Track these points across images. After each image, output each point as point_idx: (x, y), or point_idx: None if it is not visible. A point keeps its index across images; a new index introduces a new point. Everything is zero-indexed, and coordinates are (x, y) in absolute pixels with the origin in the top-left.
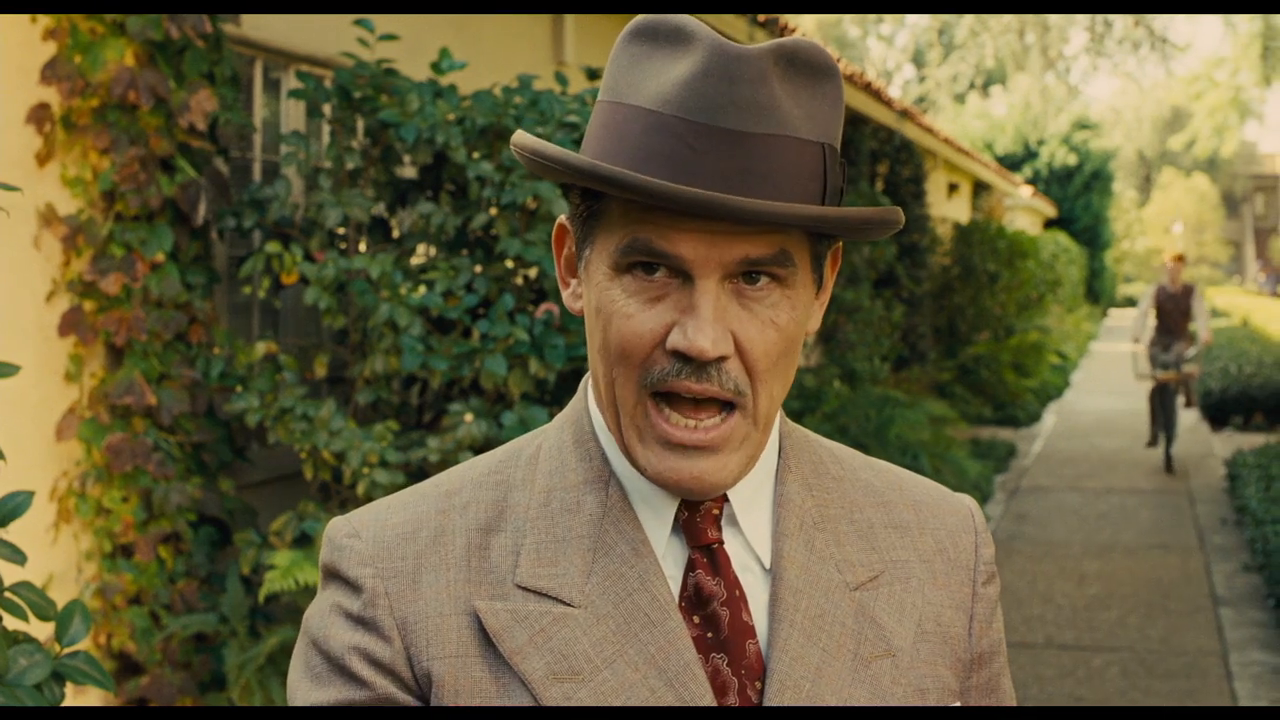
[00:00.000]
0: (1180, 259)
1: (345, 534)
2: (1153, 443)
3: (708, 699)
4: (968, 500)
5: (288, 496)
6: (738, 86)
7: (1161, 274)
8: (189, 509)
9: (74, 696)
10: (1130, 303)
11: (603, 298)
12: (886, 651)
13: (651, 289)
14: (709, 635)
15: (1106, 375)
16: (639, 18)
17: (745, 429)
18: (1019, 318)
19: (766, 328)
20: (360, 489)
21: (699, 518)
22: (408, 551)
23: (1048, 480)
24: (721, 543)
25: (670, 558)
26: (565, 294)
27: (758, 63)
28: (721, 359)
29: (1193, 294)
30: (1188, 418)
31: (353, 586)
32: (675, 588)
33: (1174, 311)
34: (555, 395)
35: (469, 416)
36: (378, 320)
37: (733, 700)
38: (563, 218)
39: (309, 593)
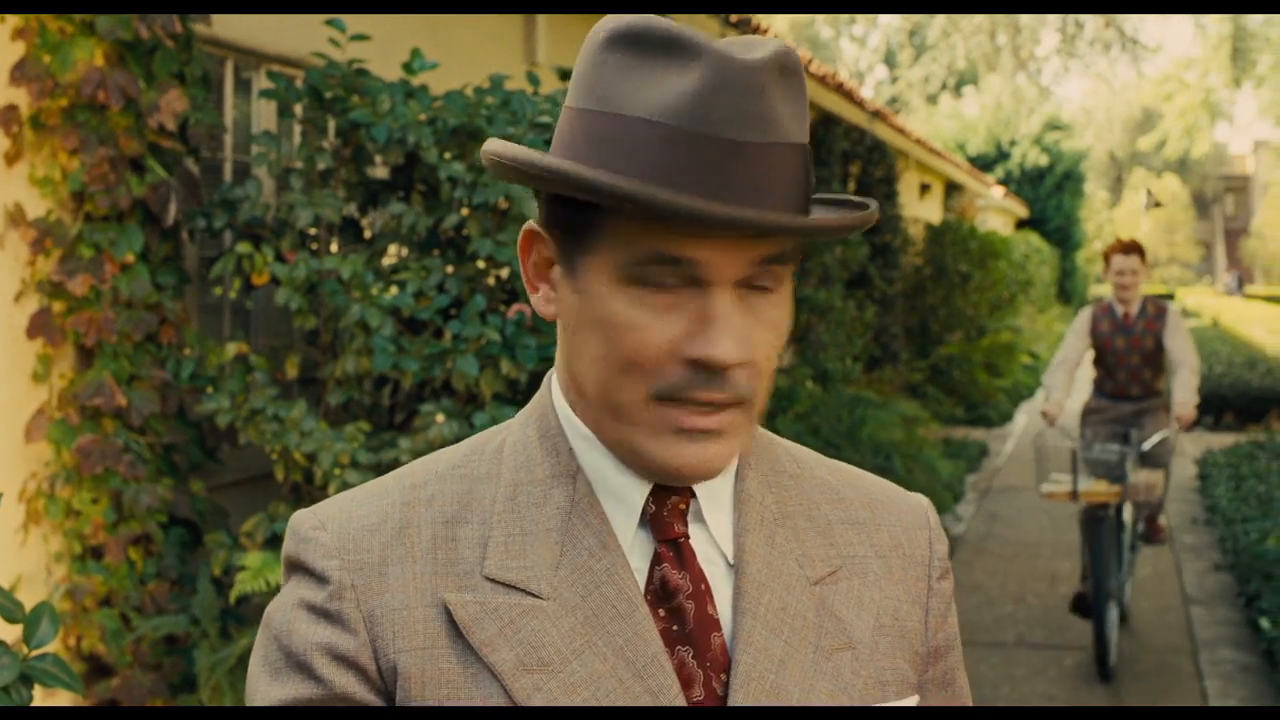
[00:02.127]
0: (1133, 250)
1: (310, 526)
2: (1081, 607)
3: (674, 690)
4: (922, 498)
5: (259, 498)
6: (746, 99)
7: (1106, 283)
8: (159, 510)
9: (42, 699)
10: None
11: (605, 308)
12: (847, 644)
13: (663, 299)
14: (675, 628)
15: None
16: (615, 22)
17: (745, 421)
18: (991, 318)
19: (769, 330)
20: (332, 490)
21: (666, 512)
22: (374, 543)
23: (1020, 480)
24: (687, 536)
25: (637, 551)
26: (535, 298)
27: (761, 74)
28: (739, 365)
29: (1164, 320)
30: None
31: (318, 578)
32: (641, 580)
33: (1128, 354)
34: (527, 395)
35: (440, 417)
36: (349, 321)
37: (698, 692)
38: (532, 224)
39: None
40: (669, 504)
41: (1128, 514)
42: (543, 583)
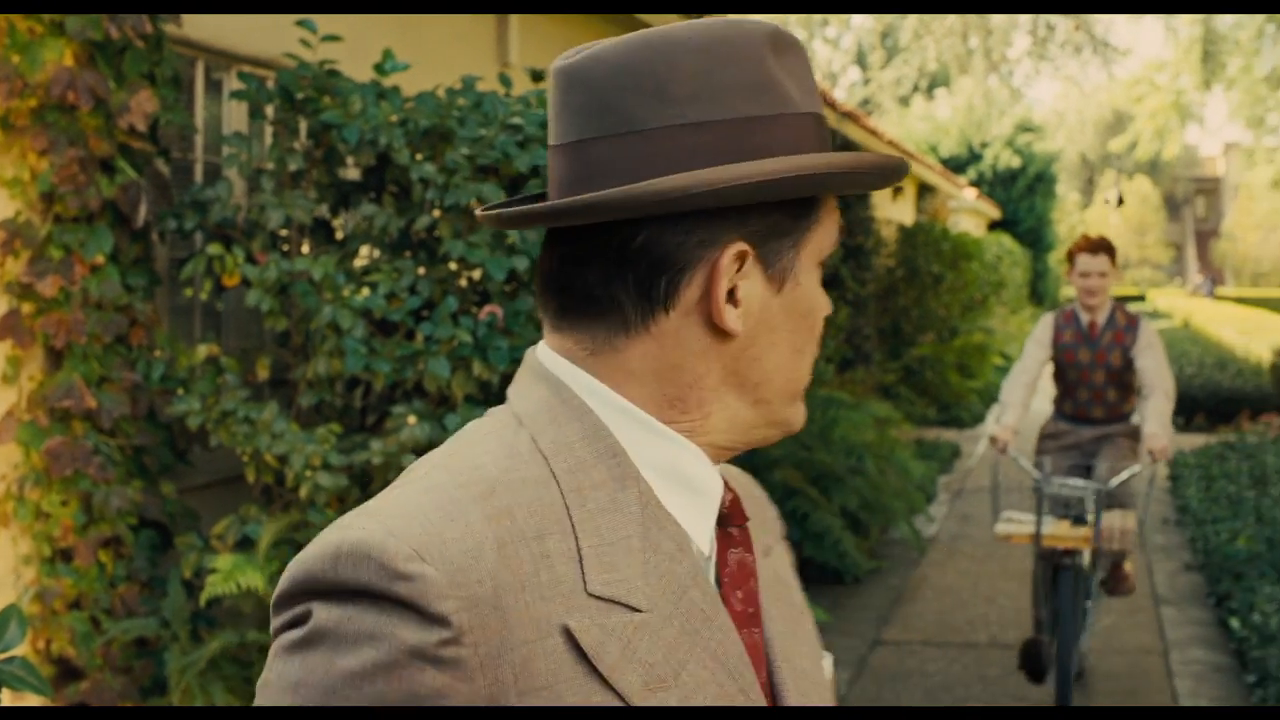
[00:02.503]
0: (1101, 248)
1: (405, 557)
2: (1032, 665)
3: (757, 687)
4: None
5: (230, 500)
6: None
7: (1071, 289)
8: (130, 512)
9: (11, 702)
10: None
11: (811, 298)
12: (801, 609)
13: None
14: (750, 610)
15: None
16: (776, 30)
17: None
18: (963, 319)
19: None
20: (303, 492)
21: (732, 497)
22: (482, 572)
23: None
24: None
25: (707, 539)
26: (731, 316)
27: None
28: None
29: (1136, 333)
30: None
31: (431, 620)
32: (710, 569)
33: (1092, 370)
34: (498, 397)
35: (412, 419)
36: (320, 322)
37: (762, 674)
38: (742, 246)
39: (250, 596)
40: (731, 490)
41: (1086, 558)
42: (639, 595)
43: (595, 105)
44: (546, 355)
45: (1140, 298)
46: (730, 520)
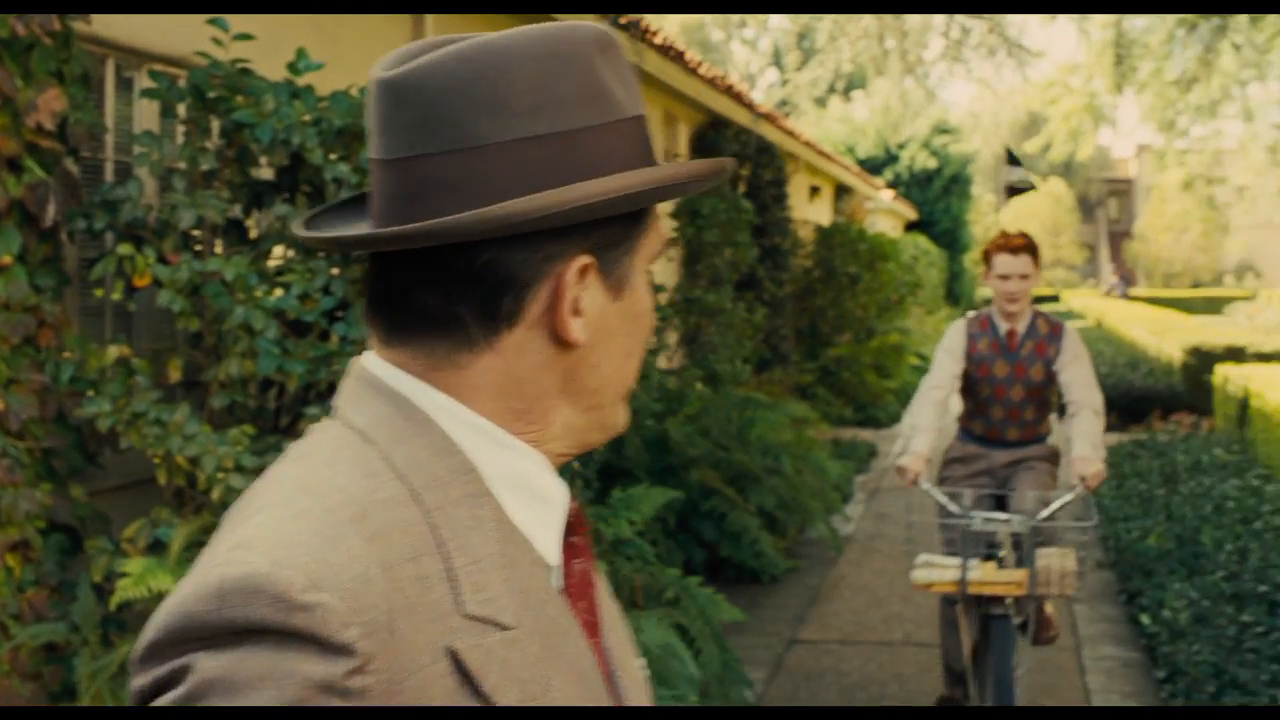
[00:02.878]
0: (1023, 248)
1: (302, 588)
2: None
3: (606, 697)
4: None
5: (141, 503)
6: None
7: (988, 288)
8: (38, 516)
9: None
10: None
11: (644, 300)
12: (618, 612)
13: None
14: (594, 620)
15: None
16: (601, 31)
17: None
18: (880, 319)
19: None
20: (215, 494)
21: (575, 506)
22: (375, 597)
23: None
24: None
25: (553, 549)
26: (575, 326)
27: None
28: None
29: (1061, 342)
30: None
31: (336, 651)
32: (557, 577)
33: (1009, 385)
34: None
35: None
36: (233, 323)
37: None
38: (586, 259)
39: (162, 600)
40: (574, 499)
41: (1016, 619)
42: (508, 612)
43: (427, 120)
44: (382, 368)
45: (1055, 298)
46: (573, 530)
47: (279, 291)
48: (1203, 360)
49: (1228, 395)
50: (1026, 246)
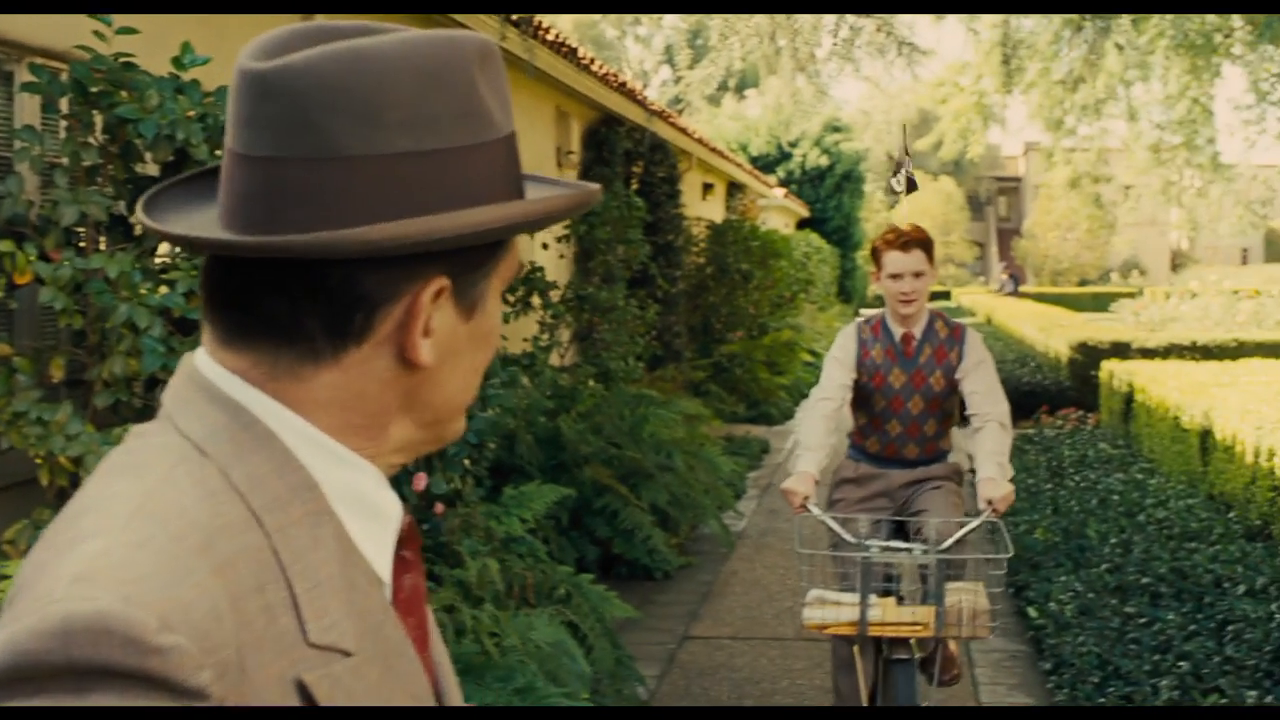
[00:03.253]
0: (915, 243)
1: (154, 630)
2: None
3: (455, 698)
4: None
5: (23, 504)
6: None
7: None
8: None
9: None
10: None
11: (494, 320)
12: (434, 622)
13: None
14: (421, 635)
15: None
16: (484, 43)
17: None
18: (772, 316)
19: None
20: None
21: (408, 520)
22: (225, 635)
23: None
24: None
25: (386, 572)
26: (424, 347)
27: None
28: None
29: (963, 347)
30: None
31: (187, 695)
32: (388, 591)
33: (906, 397)
34: None
35: None
36: (116, 321)
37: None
38: (442, 282)
39: None
40: (407, 513)
41: (915, 659)
42: (349, 638)
43: (295, 121)
44: (216, 373)
45: (946, 295)
46: (404, 544)
47: (164, 289)
48: (1089, 356)
49: (1113, 391)
50: (918, 241)
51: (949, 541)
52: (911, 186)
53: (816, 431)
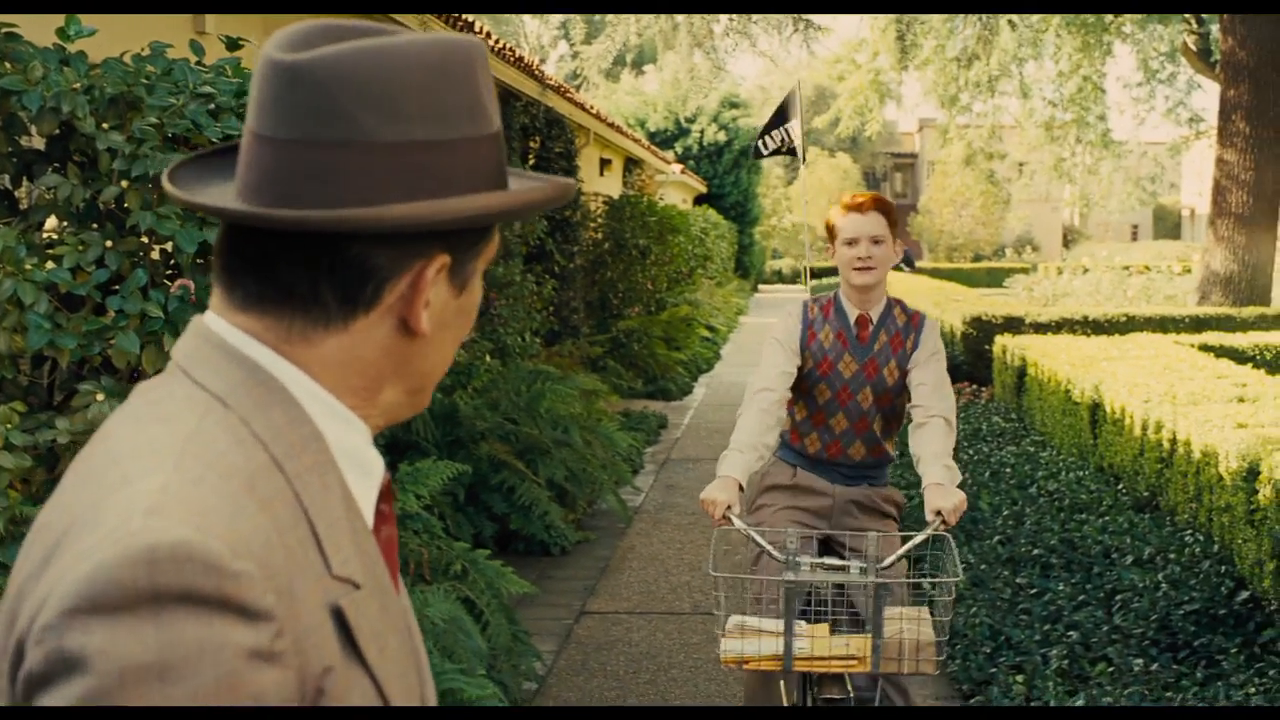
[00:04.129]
0: (873, 207)
1: (228, 555)
2: None
3: (422, 650)
4: None
5: None
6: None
7: (834, 264)
8: None
9: None
10: (781, 278)
11: (477, 295)
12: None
13: None
14: (395, 583)
15: (755, 347)
16: (482, 46)
17: None
18: (670, 292)
19: None
20: None
21: (388, 477)
22: (279, 563)
23: (697, 451)
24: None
25: (370, 523)
26: (425, 317)
27: None
28: None
29: (919, 335)
30: None
31: (256, 616)
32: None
33: (856, 388)
34: None
35: (100, 395)
36: (1, 297)
37: None
38: (445, 259)
39: None
40: (387, 470)
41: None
42: (358, 572)
43: (321, 107)
44: (232, 333)
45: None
46: (382, 499)
47: (50, 264)
48: (982, 331)
49: (1006, 365)
50: (877, 203)
51: (891, 559)
52: (786, 151)
53: (749, 428)
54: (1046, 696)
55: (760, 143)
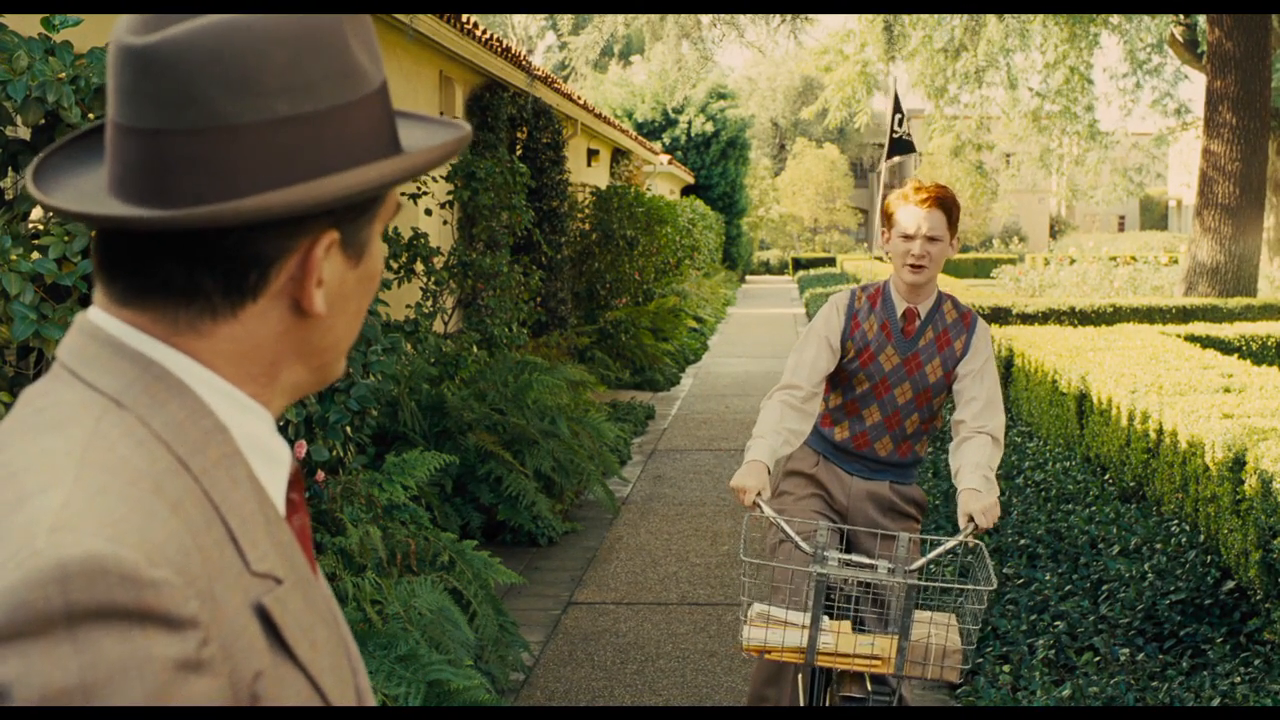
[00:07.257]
0: (937, 202)
1: (145, 564)
2: None
3: (350, 636)
4: None
5: None
6: None
7: (887, 255)
8: None
9: None
10: (769, 269)
11: (378, 263)
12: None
13: None
14: (313, 572)
15: (742, 338)
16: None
17: None
18: (657, 283)
19: None
20: None
21: (296, 465)
22: (197, 568)
23: (684, 442)
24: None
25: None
26: (318, 297)
27: None
28: None
29: (970, 336)
30: None
31: (181, 625)
32: None
33: (896, 382)
34: None
35: None
36: None
37: None
38: (333, 235)
39: None
40: (296, 458)
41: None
42: (278, 566)
43: (177, 95)
44: (121, 329)
45: (831, 260)
46: (291, 487)
47: (36, 255)
48: None
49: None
50: (940, 200)
51: (920, 562)
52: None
53: (772, 416)
54: (1033, 686)
55: (899, 135)
